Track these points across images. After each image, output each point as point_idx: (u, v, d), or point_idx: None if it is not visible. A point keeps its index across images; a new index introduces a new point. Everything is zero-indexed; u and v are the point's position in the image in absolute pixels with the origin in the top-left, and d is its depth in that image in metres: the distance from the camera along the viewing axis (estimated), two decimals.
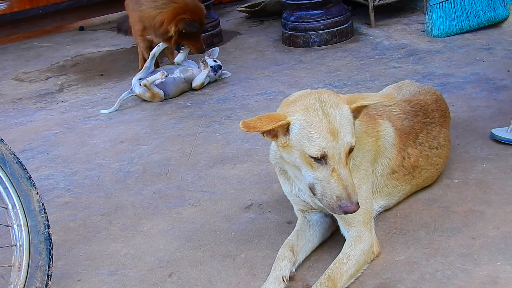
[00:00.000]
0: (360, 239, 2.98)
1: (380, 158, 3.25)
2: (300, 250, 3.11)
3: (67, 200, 4.14)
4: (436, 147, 3.53)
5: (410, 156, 3.37)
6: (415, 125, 3.46)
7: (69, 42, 8.52)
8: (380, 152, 3.24)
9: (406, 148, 3.36)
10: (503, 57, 5.53)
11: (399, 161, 3.32)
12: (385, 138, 3.26)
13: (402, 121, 3.41)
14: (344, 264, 2.88)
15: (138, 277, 3.19)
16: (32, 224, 2.90)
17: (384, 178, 3.29)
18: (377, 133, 3.22)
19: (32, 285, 2.85)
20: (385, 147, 3.26)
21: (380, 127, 3.26)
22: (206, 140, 4.74)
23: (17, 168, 2.90)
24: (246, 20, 8.35)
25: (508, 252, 2.94)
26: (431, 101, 3.67)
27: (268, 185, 3.92)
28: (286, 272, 2.95)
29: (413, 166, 3.40)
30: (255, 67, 6.33)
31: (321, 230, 3.24)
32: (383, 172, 3.27)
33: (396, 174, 3.33)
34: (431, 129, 3.53)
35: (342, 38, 6.74)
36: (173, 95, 5.78)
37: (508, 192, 3.43)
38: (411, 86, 3.87)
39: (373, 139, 3.20)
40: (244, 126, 2.77)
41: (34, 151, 5.03)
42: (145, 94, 5.67)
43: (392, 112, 3.43)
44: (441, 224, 3.24)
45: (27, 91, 6.67)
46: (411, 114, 3.49)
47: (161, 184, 4.16)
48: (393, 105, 3.49)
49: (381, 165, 3.26)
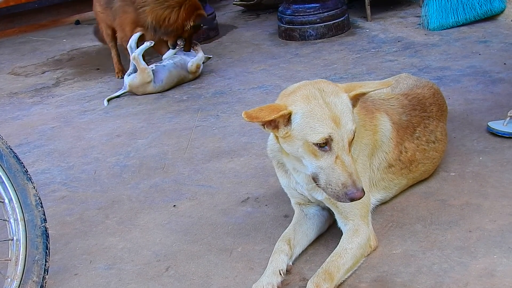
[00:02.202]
0: (357, 233, 2.99)
1: (377, 152, 3.25)
2: (297, 243, 3.11)
3: (64, 194, 4.14)
4: (433, 141, 3.53)
5: (407, 150, 3.37)
6: (413, 119, 3.45)
7: (65, 36, 8.50)
8: (377, 146, 3.24)
9: (403, 142, 3.36)
10: (500, 50, 5.54)
11: (396, 155, 3.32)
12: (382, 132, 3.26)
13: (400, 115, 3.41)
14: (341, 257, 2.88)
15: (134, 271, 3.19)
16: (28, 218, 2.89)
17: (380, 172, 3.29)
18: (375, 127, 3.22)
19: (29, 279, 2.85)
20: (383, 141, 3.26)
21: (378, 121, 3.25)
22: (203, 134, 4.74)
23: (14, 162, 2.89)
24: (242, 13, 8.34)
25: (505, 245, 2.94)
26: (429, 95, 3.66)
27: (264, 178, 3.92)
28: (283, 265, 2.95)
29: (410, 160, 3.40)
30: (252, 61, 6.33)
31: (318, 224, 3.24)
32: (379, 165, 3.27)
33: (393, 168, 3.33)
34: (428, 123, 3.53)
35: (338, 32, 6.74)
36: (167, 83, 5.77)
37: (505, 185, 3.43)
38: (408, 79, 3.86)
39: (371, 133, 3.19)
40: (247, 116, 2.76)
41: (31, 145, 5.02)
42: (134, 80, 5.68)
43: (390, 106, 3.42)
44: (437, 217, 3.25)
45: (23, 85, 6.65)
46: (409, 108, 3.48)
47: (158, 178, 4.16)
48: (391, 98, 3.49)
49: (378, 159, 3.26)
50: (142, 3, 5.64)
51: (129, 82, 5.72)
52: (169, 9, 5.57)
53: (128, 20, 5.84)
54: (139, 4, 5.65)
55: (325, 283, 2.76)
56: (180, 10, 5.59)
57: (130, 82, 5.71)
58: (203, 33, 6.91)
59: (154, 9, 5.60)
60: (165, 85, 5.77)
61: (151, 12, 5.61)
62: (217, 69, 6.21)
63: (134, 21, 5.77)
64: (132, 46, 5.79)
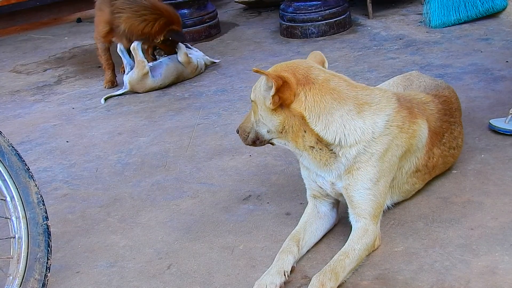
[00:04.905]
0: (367, 233, 2.96)
1: (411, 157, 3.20)
2: (305, 244, 3.09)
3: (66, 192, 4.14)
4: (454, 148, 3.49)
5: (434, 156, 3.34)
6: (443, 125, 3.41)
7: (66, 34, 8.50)
8: (412, 150, 3.18)
9: (433, 148, 3.32)
10: (501, 48, 5.53)
11: (425, 161, 3.28)
12: (419, 138, 3.20)
13: (435, 121, 3.36)
14: (348, 257, 2.86)
15: (136, 269, 3.20)
16: (30, 216, 2.90)
17: (407, 176, 3.25)
18: (413, 132, 3.15)
19: (31, 277, 2.85)
20: (418, 146, 3.21)
21: (418, 126, 3.18)
22: (204, 132, 4.74)
23: (16, 160, 2.90)
24: (243, 11, 8.34)
25: (507, 242, 2.94)
26: (454, 98, 3.61)
27: (266, 176, 3.92)
28: (288, 266, 2.93)
29: (434, 165, 3.37)
30: (253, 59, 6.32)
31: (326, 225, 3.23)
32: (408, 169, 3.23)
33: (418, 172, 3.29)
34: (453, 129, 3.49)
35: (340, 29, 6.73)
36: (166, 76, 5.79)
37: (507, 182, 3.43)
38: (421, 78, 3.79)
39: (407, 136, 3.11)
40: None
41: (32, 143, 5.02)
42: (132, 76, 5.71)
43: (430, 111, 3.36)
44: (439, 215, 3.24)
45: (25, 83, 6.66)
46: (441, 113, 3.43)
47: (160, 176, 4.16)
48: (430, 102, 3.42)
49: (409, 163, 3.22)
50: (120, 9, 5.66)
51: (128, 79, 5.73)
52: (144, 23, 5.60)
53: (102, 19, 5.87)
54: (116, 9, 5.67)
55: (330, 283, 2.75)
56: (154, 25, 5.62)
57: (129, 79, 5.72)
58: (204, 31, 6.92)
59: (130, 18, 5.62)
60: (165, 78, 5.78)
61: (126, 21, 5.63)
62: (218, 67, 6.21)
63: (108, 22, 5.79)
64: (122, 49, 5.85)
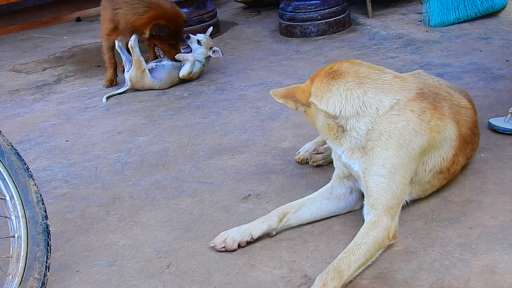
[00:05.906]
0: (375, 225, 2.93)
1: (433, 153, 3.17)
2: (293, 219, 3.25)
3: (65, 191, 4.14)
4: (468, 158, 3.50)
5: (458, 163, 3.35)
6: (473, 136, 3.44)
7: (66, 33, 8.50)
8: (435, 146, 3.16)
9: (460, 154, 3.32)
10: (501, 47, 5.53)
11: (449, 165, 3.27)
12: (443, 136, 3.17)
13: (467, 129, 3.36)
14: (353, 254, 2.82)
15: (136, 268, 3.20)
16: (30, 215, 2.90)
17: (430, 175, 3.23)
18: (436, 126, 3.13)
19: (30, 276, 2.85)
20: (442, 144, 3.18)
21: (444, 124, 3.16)
22: (204, 131, 4.74)
23: (15, 159, 2.89)
24: (243, 10, 8.34)
25: (506, 241, 2.94)
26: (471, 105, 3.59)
27: (266, 175, 3.92)
28: (257, 231, 3.19)
29: (454, 172, 3.37)
30: (252, 58, 6.32)
31: (334, 207, 3.31)
32: (432, 168, 3.21)
33: (441, 175, 3.28)
34: (476, 140, 3.52)
35: (339, 28, 6.73)
36: (166, 82, 5.79)
37: (506, 181, 3.43)
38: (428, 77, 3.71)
39: (427, 127, 3.09)
40: None
41: (32, 142, 5.02)
42: (131, 73, 5.74)
43: (465, 117, 3.36)
44: (438, 214, 3.24)
45: (24, 82, 6.66)
46: (474, 124, 3.45)
47: (159, 175, 4.16)
48: (468, 109, 3.42)
49: (433, 160, 3.20)
50: (118, 5, 5.77)
51: (129, 76, 5.75)
52: (136, 16, 5.69)
53: (106, 17, 5.96)
54: (115, 5, 5.79)
55: (332, 282, 2.72)
56: (142, 17, 5.69)
57: (129, 76, 5.75)
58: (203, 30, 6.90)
59: (126, 13, 5.73)
60: (164, 83, 5.79)
61: (123, 15, 5.73)
62: (218, 66, 6.21)
63: (111, 20, 5.86)
64: (120, 45, 5.87)
